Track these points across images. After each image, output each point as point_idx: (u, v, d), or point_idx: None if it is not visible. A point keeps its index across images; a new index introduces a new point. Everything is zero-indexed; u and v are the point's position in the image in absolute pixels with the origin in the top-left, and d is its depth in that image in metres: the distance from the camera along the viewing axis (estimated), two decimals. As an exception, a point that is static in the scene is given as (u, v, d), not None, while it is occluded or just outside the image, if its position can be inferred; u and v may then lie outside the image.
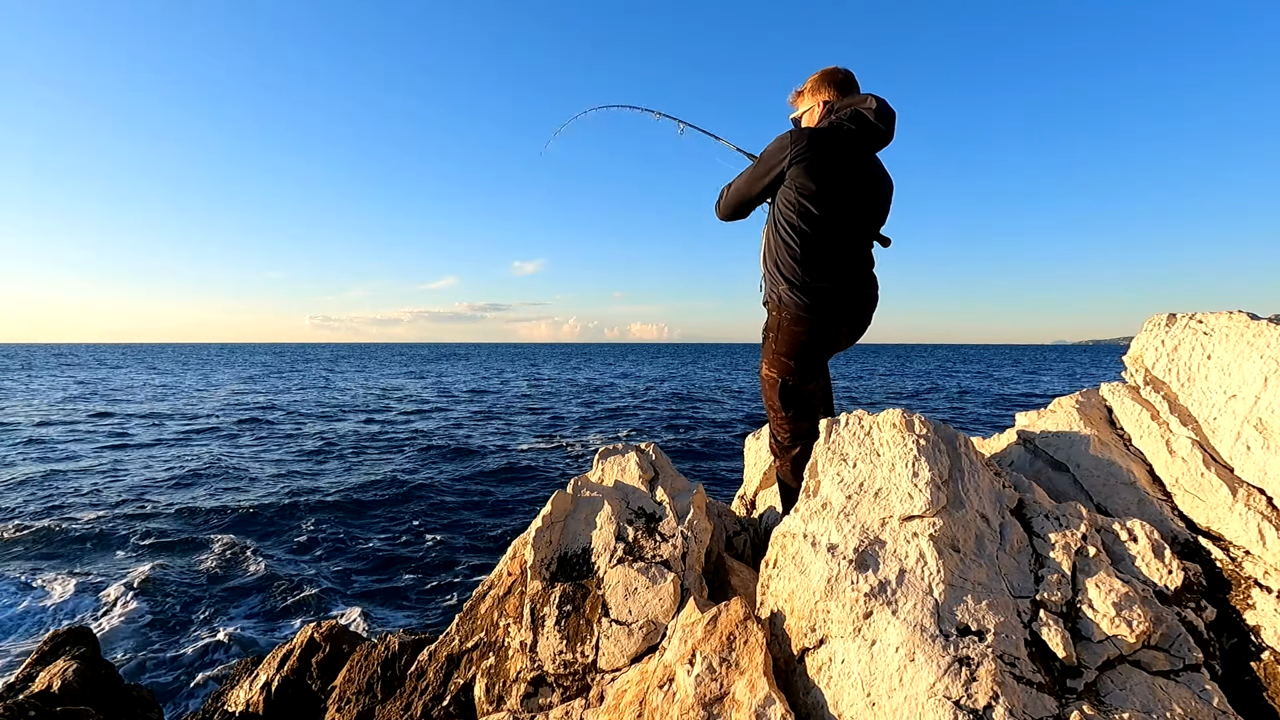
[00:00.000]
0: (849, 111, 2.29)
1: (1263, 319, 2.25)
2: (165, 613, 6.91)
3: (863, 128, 2.26)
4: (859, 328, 2.47)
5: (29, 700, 3.00)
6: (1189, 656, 1.68)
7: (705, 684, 1.69)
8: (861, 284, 2.41)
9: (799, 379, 2.47)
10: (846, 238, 2.33)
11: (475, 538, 9.34)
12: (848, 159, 2.26)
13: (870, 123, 2.26)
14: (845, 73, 2.42)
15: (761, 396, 2.63)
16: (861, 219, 2.35)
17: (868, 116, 2.26)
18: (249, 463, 14.55)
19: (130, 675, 5.57)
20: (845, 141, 2.25)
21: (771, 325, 2.46)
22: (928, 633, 1.59)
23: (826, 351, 2.50)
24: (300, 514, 10.49)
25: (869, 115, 2.26)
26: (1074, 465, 2.48)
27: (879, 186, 2.38)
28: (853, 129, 2.26)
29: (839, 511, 1.91)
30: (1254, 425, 2.10)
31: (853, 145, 2.26)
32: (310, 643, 3.62)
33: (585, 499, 2.65)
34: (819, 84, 2.43)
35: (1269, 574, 1.91)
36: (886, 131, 2.28)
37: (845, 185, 2.27)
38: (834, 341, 2.46)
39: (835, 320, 2.37)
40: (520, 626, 2.35)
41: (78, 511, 10.43)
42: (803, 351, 2.41)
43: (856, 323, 2.44)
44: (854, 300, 2.39)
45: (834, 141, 2.24)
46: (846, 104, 2.33)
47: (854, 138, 2.26)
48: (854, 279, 2.37)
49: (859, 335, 2.51)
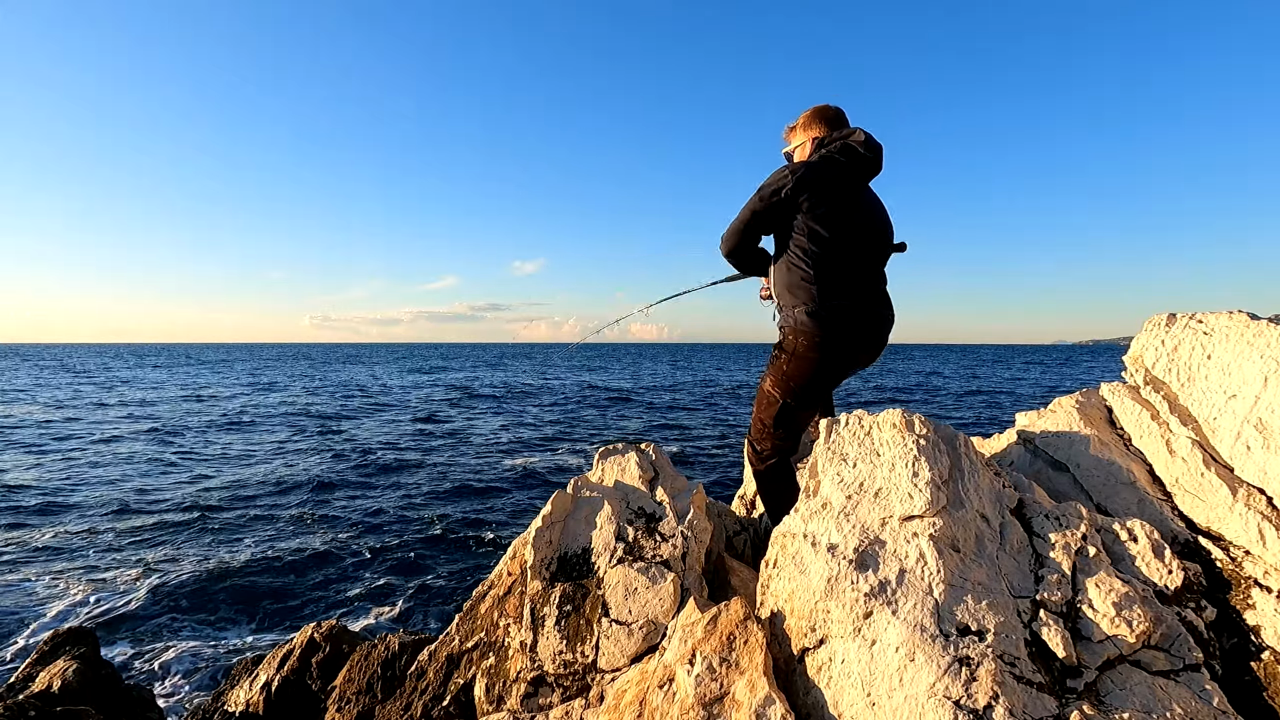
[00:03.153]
0: (839, 145, 2.38)
1: (1263, 319, 2.24)
2: (166, 613, 6.91)
3: (853, 159, 2.35)
4: (874, 349, 2.47)
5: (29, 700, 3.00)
6: (1189, 656, 1.67)
7: (705, 684, 1.69)
8: (876, 304, 2.43)
9: (800, 405, 2.48)
10: (858, 258, 2.37)
11: (475, 538, 9.34)
12: (845, 187, 2.34)
13: (860, 154, 2.34)
14: (835, 109, 2.53)
15: (754, 405, 2.63)
16: (871, 239, 2.41)
17: (857, 149, 2.35)
18: (250, 463, 14.55)
19: (130, 675, 5.57)
20: (838, 170, 2.34)
21: (786, 348, 2.45)
22: (928, 633, 1.59)
23: (838, 377, 2.50)
24: (300, 513, 10.49)
25: (858, 148, 2.35)
26: (1074, 465, 2.48)
27: (879, 213, 2.47)
28: (843, 161, 2.34)
29: (839, 511, 1.91)
30: (1254, 425, 2.10)
31: (846, 176, 2.34)
32: (310, 643, 3.62)
33: (585, 499, 2.65)
34: (810, 120, 2.53)
35: (1269, 574, 1.91)
36: (875, 162, 2.37)
37: (849, 210, 2.34)
38: (848, 365, 2.45)
39: (852, 341, 2.37)
40: (520, 626, 2.35)
41: (78, 511, 10.44)
42: (812, 378, 2.41)
43: (872, 344, 2.44)
44: (870, 320, 2.40)
45: (830, 170, 2.32)
46: (836, 138, 2.42)
47: (846, 169, 2.34)
48: (869, 298, 2.40)
49: (876, 355, 2.50)
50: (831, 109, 2.53)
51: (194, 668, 5.83)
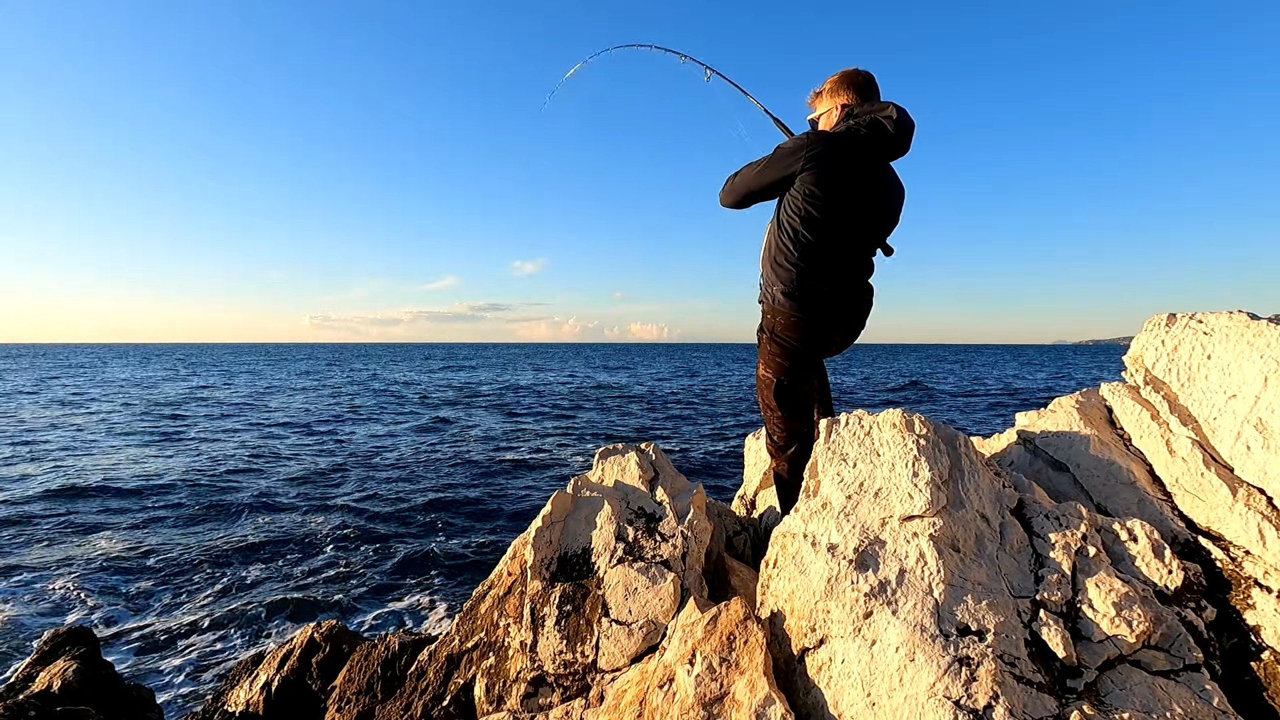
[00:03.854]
0: (868, 119, 2.24)
1: (1263, 319, 2.24)
2: (166, 612, 6.91)
3: (880, 136, 2.21)
4: (851, 332, 2.48)
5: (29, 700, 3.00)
6: (1189, 656, 1.67)
7: (705, 684, 1.69)
8: (855, 289, 2.41)
9: (794, 379, 2.49)
10: (848, 246, 2.33)
11: (475, 537, 9.34)
12: (861, 167, 2.23)
13: (888, 132, 2.20)
14: (866, 75, 2.37)
15: (757, 396, 2.64)
16: (868, 228, 2.36)
17: (886, 126, 2.20)
18: (248, 463, 14.54)
19: (130, 675, 5.57)
20: (860, 149, 2.21)
21: (766, 326, 2.48)
22: (928, 633, 1.59)
23: (820, 353, 2.52)
24: (300, 514, 10.49)
25: (888, 125, 2.20)
26: (1074, 465, 2.48)
27: (890, 196, 2.36)
28: (869, 136, 2.21)
29: (839, 511, 1.91)
30: (1254, 425, 2.10)
31: (867, 153, 2.22)
32: (310, 643, 3.63)
33: (585, 499, 2.65)
34: (838, 86, 2.37)
35: (1269, 574, 1.91)
36: (902, 141, 2.24)
37: (855, 194, 2.25)
38: (827, 345, 2.47)
39: (827, 324, 2.39)
40: (520, 626, 2.35)
41: (78, 511, 10.43)
42: (797, 353, 2.43)
43: (849, 327, 2.45)
44: (847, 304, 2.39)
45: (849, 148, 2.20)
46: (866, 110, 2.28)
47: (869, 146, 2.22)
48: (848, 284, 2.38)
49: (852, 339, 2.51)
50: (861, 74, 2.37)
51: (194, 668, 5.83)
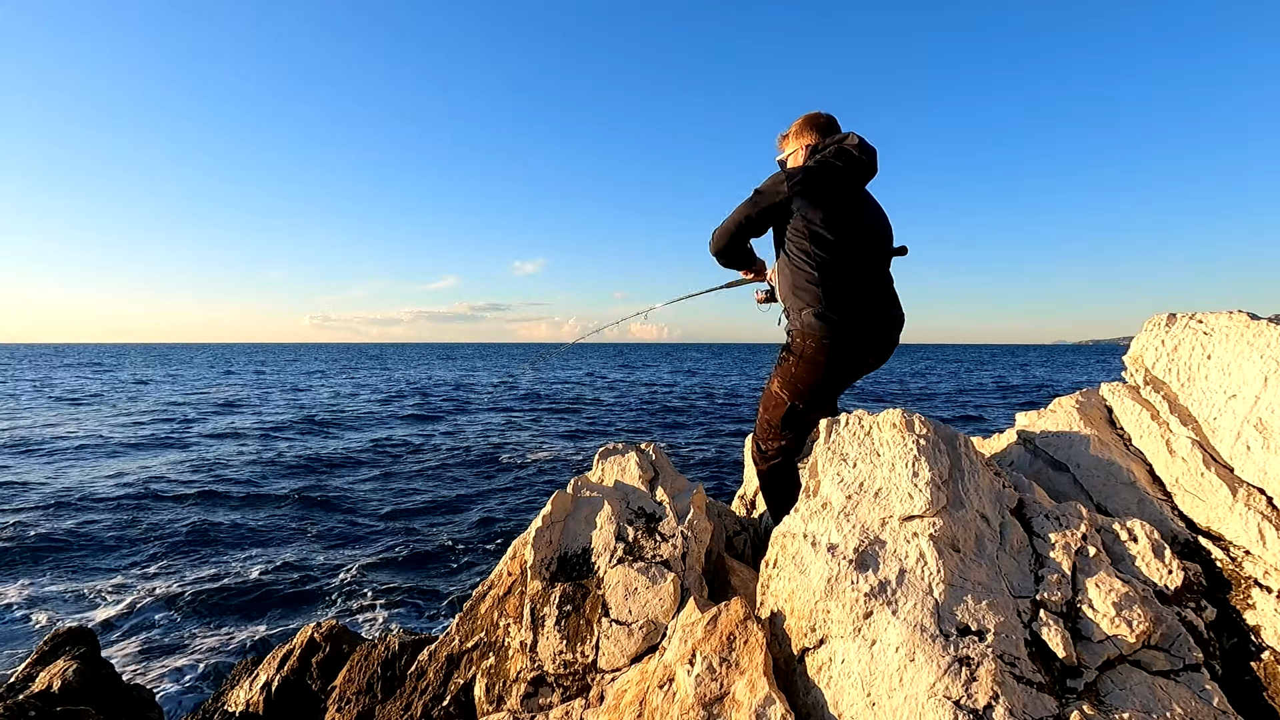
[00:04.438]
0: (833, 150, 2.38)
1: (1263, 319, 2.25)
2: (165, 613, 6.91)
3: (849, 164, 2.34)
4: (883, 353, 2.46)
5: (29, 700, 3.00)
6: (1189, 656, 1.68)
7: (705, 684, 1.69)
8: (885, 304, 2.42)
9: (811, 406, 2.46)
10: (862, 258, 2.36)
11: (475, 538, 9.34)
12: (844, 188, 2.35)
13: (855, 158, 2.34)
14: (827, 116, 2.54)
15: (759, 405, 2.62)
16: (874, 239, 2.41)
17: (852, 153, 2.35)
18: (247, 463, 14.54)
19: (130, 675, 5.57)
20: (836, 176, 2.34)
21: (794, 350, 2.43)
22: (928, 633, 1.59)
23: (847, 380, 2.49)
24: (300, 514, 10.49)
25: (853, 151, 2.35)
26: (1074, 465, 2.48)
27: (878, 215, 2.47)
28: (840, 166, 2.34)
29: (839, 511, 1.91)
30: (1254, 425, 2.10)
31: (843, 180, 2.35)
32: (310, 643, 3.63)
33: (585, 499, 2.65)
34: (803, 128, 2.55)
35: (1269, 574, 1.91)
36: (870, 165, 2.38)
37: (849, 213, 2.34)
38: (857, 368, 2.44)
39: (860, 343, 2.36)
40: (520, 626, 2.35)
41: (78, 510, 10.43)
42: (821, 381, 2.40)
43: (881, 347, 2.43)
44: (879, 320, 2.39)
45: (827, 173, 2.33)
46: (830, 143, 2.42)
47: (843, 174, 2.34)
48: (877, 298, 2.39)
49: (883, 360, 2.49)
50: (823, 116, 2.54)
51: (194, 668, 5.83)
